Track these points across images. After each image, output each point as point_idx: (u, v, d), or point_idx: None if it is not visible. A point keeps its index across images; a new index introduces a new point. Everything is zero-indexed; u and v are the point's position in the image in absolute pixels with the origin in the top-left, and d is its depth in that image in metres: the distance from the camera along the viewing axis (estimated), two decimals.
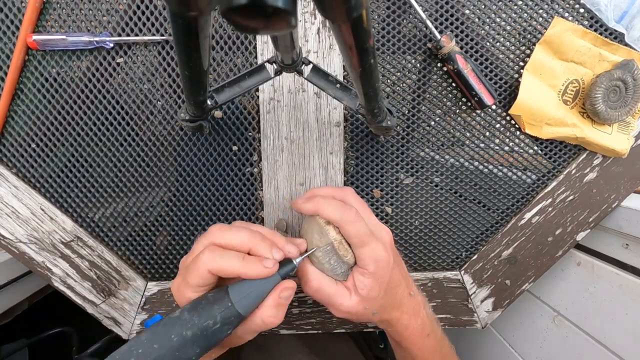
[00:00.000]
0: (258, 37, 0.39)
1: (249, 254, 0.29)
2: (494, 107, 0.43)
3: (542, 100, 0.41)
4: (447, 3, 0.40)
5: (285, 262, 0.30)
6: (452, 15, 0.40)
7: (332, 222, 0.32)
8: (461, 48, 0.40)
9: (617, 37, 0.41)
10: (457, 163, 0.44)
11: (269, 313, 0.29)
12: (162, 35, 0.39)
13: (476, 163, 0.44)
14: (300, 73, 0.32)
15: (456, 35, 0.40)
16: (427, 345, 0.37)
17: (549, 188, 0.44)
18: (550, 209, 0.45)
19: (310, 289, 0.33)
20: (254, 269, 0.28)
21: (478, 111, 0.43)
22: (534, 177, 0.45)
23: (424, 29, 0.40)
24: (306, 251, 0.33)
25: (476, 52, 0.41)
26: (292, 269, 0.31)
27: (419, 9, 0.38)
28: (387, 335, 0.39)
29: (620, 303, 0.43)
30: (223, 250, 0.29)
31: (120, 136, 0.42)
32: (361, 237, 0.31)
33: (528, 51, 0.41)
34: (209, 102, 0.32)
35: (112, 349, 0.27)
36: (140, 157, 0.42)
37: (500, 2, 0.40)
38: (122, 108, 0.41)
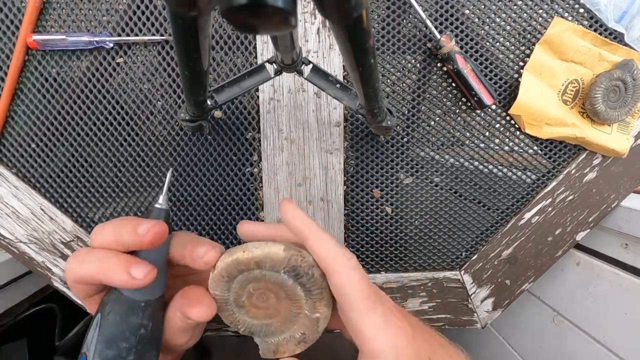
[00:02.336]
0: (258, 37, 0.39)
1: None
2: (493, 107, 0.43)
3: (542, 100, 0.41)
4: (447, 3, 0.40)
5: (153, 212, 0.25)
6: (452, 15, 0.40)
7: (325, 268, 0.23)
8: (461, 48, 0.40)
9: (617, 37, 0.41)
10: (457, 163, 0.44)
11: (181, 317, 0.24)
12: (162, 35, 0.39)
13: (476, 163, 0.44)
14: (300, 73, 0.32)
15: (456, 35, 0.40)
16: None
17: (548, 188, 0.44)
18: (550, 208, 0.45)
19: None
20: (118, 276, 0.22)
21: (478, 111, 0.43)
22: (533, 177, 0.45)
23: (424, 29, 0.40)
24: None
25: (476, 52, 0.41)
26: (160, 213, 0.25)
27: (419, 8, 0.38)
28: None
29: (620, 303, 0.43)
30: (83, 255, 0.23)
31: (120, 136, 0.42)
32: (357, 303, 0.21)
33: (528, 51, 0.41)
34: (209, 102, 0.32)
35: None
36: (140, 157, 0.42)
37: (500, 2, 0.40)
38: (122, 108, 0.41)
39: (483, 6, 0.40)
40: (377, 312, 0.21)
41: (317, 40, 0.39)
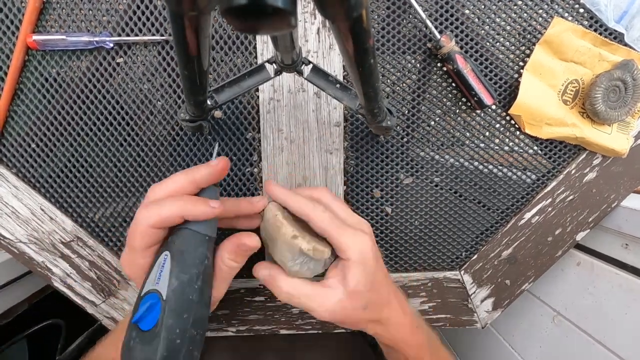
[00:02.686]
0: (258, 37, 0.39)
1: None
2: (493, 107, 0.43)
3: (542, 100, 0.41)
4: (447, 3, 0.40)
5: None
6: (452, 15, 0.40)
7: (303, 217, 0.31)
8: (461, 48, 0.40)
9: (617, 37, 0.41)
10: (457, 163, 0.44)
11: (228, 257, 0.30)
12: (162, 35, 0.39)
13: (476, 163, 0.44)
14: (300, 73, 0.32)
15: (456, 35, 0.40)
16: (419, 340, 0.35)
17: (548, 188, 0.44)
18: (550, 208, 0.45)
19: (281, 295, 0.32)
20: (200, 209, 0.28)
21: (478, 111, 0.43)
22: (533, 177, 0.45)
23: (424, 28, 0.40)
24: (270, 254, 0.33)
25: (476, 52, 0.41)
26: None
27: (419, 8, 0.38)
28: (378, 340, 0.36)
29: (620, 303, 0.43)
30: (159, 201, 0.28)
31: (120, 136, 0.42)
32: (336, 225, 0.31)
33: (528, 51, 0.41)
34: (209, 102, 0.32)
35: (96, 339, 0.26)
36: (140, 157, 0.42)
37: (500, 2, 0.40)
38: (122, 108, 0.41)
39: (483, 6, 0.40)
40: (345, 233, 0.31)
41: (317, 40, 0.39)
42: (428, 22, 0.38)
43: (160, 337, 0.25)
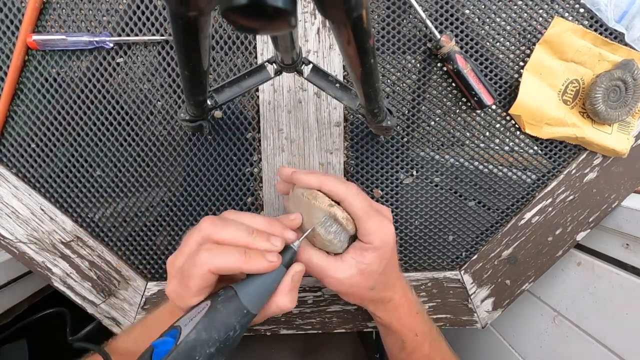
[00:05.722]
0: (258, 37, 0.39)
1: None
2: (493, 107, 0.43)
3: (542, 100, 0.41)
4: (447, 3, 0.40)
5: (286, 250, 0.30)
6: (452, 15, 0.40)
7: (336, 196, 0.31)
8: (461, 48, 0.40)
9: (617, 37, 0.41)
10: (457, 163, 0.44)
11: (285, 300, 0.29)
12: (162, 35, 0.39)
13: (476, 163, 0.44)
14: (300, 73, 0.32)
15: (456, 35, 0.40)
16: (417, 325, 0.37)
17: (549, 188, 0.44)
18: (550, 208, 0.45)
19: (300, 260, 0.33)
20: (258, 264, 0.27)
21: (478, 111, 0.43)
22: (534, 177, 0.45)
23: (424, 28, 0.40)
24: (300, 229, 0.33)
25: (476, 52, 0.41)
26: (293, 254, 0.30)
27: (419, 8, 0.38)
28: (376, 319, 0.38)
29: (620, 303, 0.43)
30: (221, 247, 0.28)
31: (120, 136, 0.42)
32: (367, 209, 0.31)
33: (528, 51, 0.41)
34: (209, 102, 0.32)
35: (103, 330, 0.26)
36: (140, 157, 0.42)
37: (500, 2, 0.40)
38: (122, 108, 0.41)
39: (483, 6, 0.40)
40: (374, 218, 0.32)
41: (317, 40, 0.39)
42: (428, 22, 0.38)
43: None
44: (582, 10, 0.40)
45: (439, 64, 0.41)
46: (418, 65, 0.42)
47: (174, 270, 0.30)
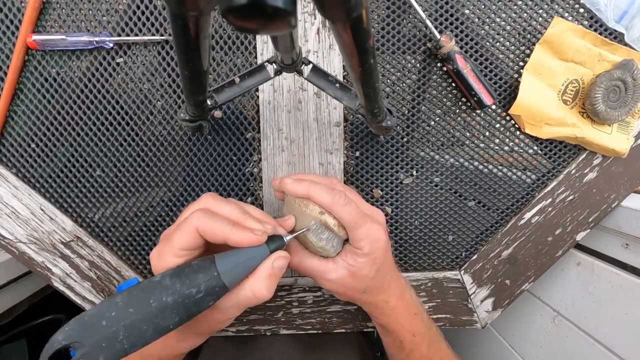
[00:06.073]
0: (258, 37, 0.39)
1: None
2: (493, 107, 0.43)
3: (542, 100, 0.41)
4: (447, 3, 0.40)
5: (274, 238, 0.29)
6: (452, 15, 0.40)
7: (323, 206, 0.32)
8: (461, 48, 0.40)
9: (617, 37, 0.41)
10: (457, 163, 0.44)
11: (261, 284, 0.27)
12: (162, 35, 0.39)
13: (476, 163, 0.44)
14: (300, 73, 0.32)
15: (456, 35, 0.40)
16: (414, 327, 0.37)
17: (548, 188, 0.44)
18: (550, 208, 0.45)
19: (292, 262, 0.33)
20: (243, 235, 0.27)
21: (478, 111, 0.43)
22: (533, 177, 0.45)
23: (424, 28, 0.40)
24: (293, 231, 0.33)
25: (476, 52, 0.41)
26: (282, 245, 0.29)
27: (418, 8, 0.38)
28: (373, 320, 0.39)
29: (620, 303, 0.43)
30: (213, 214, 0.28)
31: (120, 136, 0.42)
32: (354, 218, 0.31)
33: (528, 51, 0.41)
34: (209, 102, 0.32)
35: None
36: (140, 157, 0.42)
37: (500, 2, 0.40)
38: (122, 108, 0.41)
39: (483, 6, 0.40)
40: (363, 226, 0.32)
41: (317, 40, 0.39)
42: (428, 22, 0.38)
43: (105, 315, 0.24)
44: (582, 10, 0.40)
45: (438, 64, 0.42)
46: (418, 65, 0.42)
47: (164, 238, 0.29)
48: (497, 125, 0.43)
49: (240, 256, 0.27)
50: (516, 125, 0.43)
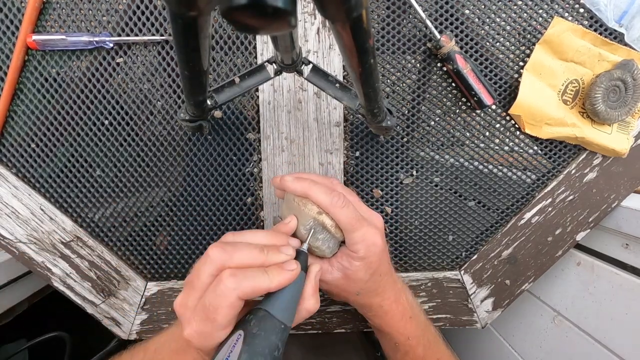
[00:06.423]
0: (258, 37, 0.39)
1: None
2: (493, 107, 0.43)
3: (542, 100, 0.41)
4: (447, 3, 0.40)
5: (298, 255, 0.30)
6: (452, 15, 0.40)
7: (321, 207, 0.32)
8: (461, 48, 0.40)
9: (617, 37, 0.41)
10: (457, 163, 0.44)
11: (312, 302, 0.29)
12: (162, 35, 0.39)
13: (476, 163, 0.44)
14: (300, 73, 0.32)
15: (456, 35, 0.40)
16: (408, 330, 0.37)
17: (548, 188, 0.44)
18: (550, 208, 0.45)
19: None
20: (283, 278, 0.27)
21: (478, 111, 0.43)
22: (533, 177, 0.45)
23: (424, 28, 0.40)
24: (298, 233, 0.33)
25: (476, 52, 0.41)
26: (306, 258, 0.31)
27: (418, 8, 0.38)
28: (368, 320, 0.39)
29: (620, 303, 0.43)
30: (245, 271, 0.27)
31: (120, 136, 0.42)
32: (351, 221, 0.31)
33: (528, 51, 0.41)
34: (209, 102, 0.32)
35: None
36: (140, 157, 0.42)
37: (500, 2, 0.40)
38: (122, 108, 0.41)
39: (483, 6, 0.40)
40: (359, 230, 0.32)
41: (317, 40, 0.39)
42: (428, 22, 0.38)
43: None
44: (581, 10, 0.40)
45: (438, 64, 0.42)
46: (418, 65, 0.42)
47: (189, 311, 0.27)
48: (497, 125, 0.43)
49: (287, 294, 0.28)
50: (516, 125, 0.43)
